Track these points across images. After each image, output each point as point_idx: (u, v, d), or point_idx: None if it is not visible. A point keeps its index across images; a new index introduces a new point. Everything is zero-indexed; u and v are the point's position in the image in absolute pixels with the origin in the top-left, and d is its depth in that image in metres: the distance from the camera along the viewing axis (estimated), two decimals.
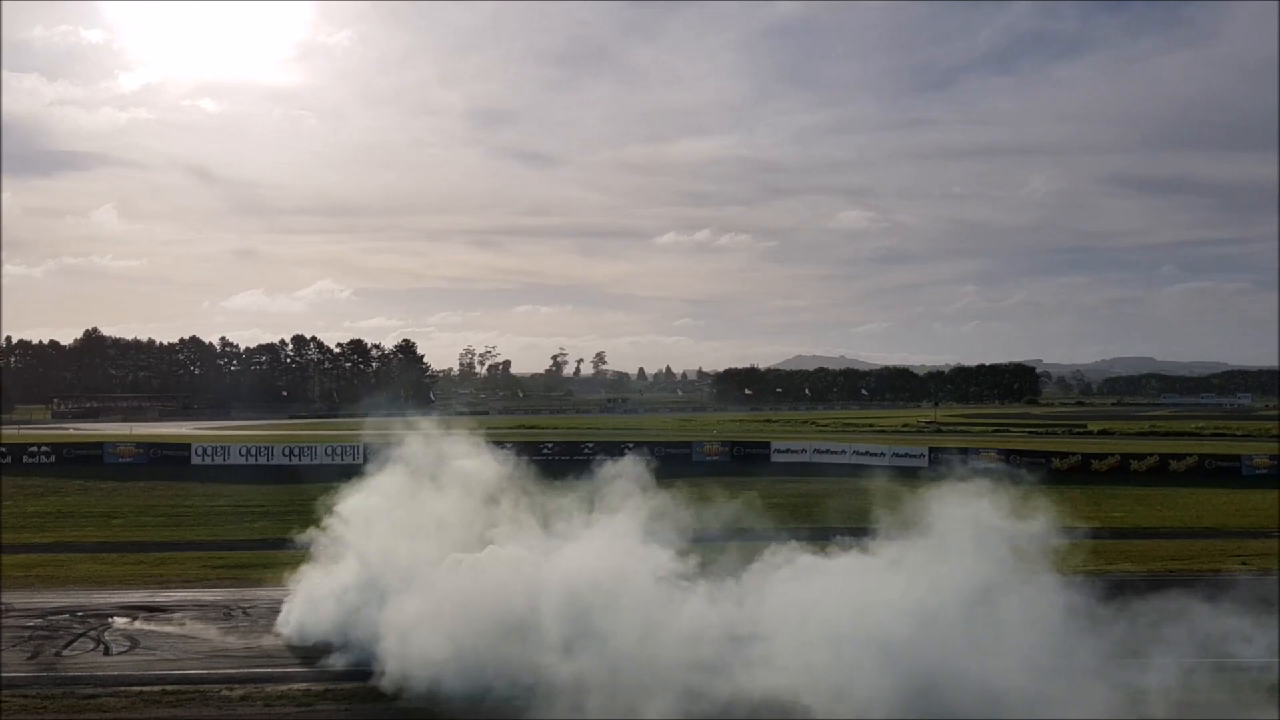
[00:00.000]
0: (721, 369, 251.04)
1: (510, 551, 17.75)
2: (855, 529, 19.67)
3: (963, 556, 15.38)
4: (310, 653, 17.84)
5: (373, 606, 17.47)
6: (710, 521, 20.56)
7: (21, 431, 76.81)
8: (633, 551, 17.37)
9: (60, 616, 20.77)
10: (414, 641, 15.86)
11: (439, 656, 15.55)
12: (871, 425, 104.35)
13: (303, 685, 16.20)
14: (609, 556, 16.96)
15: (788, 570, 17.30)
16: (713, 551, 19.07)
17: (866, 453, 58.48)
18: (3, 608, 21.29)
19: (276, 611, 20.64)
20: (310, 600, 19.20)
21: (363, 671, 16.45)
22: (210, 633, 19.63)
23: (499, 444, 21.56)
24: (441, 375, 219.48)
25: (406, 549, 18.44)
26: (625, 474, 19.57)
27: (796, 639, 15.10)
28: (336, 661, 17.13)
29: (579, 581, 16.27)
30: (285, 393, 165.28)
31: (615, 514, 18.39)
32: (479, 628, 15.90)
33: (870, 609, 15.11)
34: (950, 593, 14.97)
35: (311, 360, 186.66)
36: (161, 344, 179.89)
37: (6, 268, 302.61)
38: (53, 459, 54.73)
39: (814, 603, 15.83)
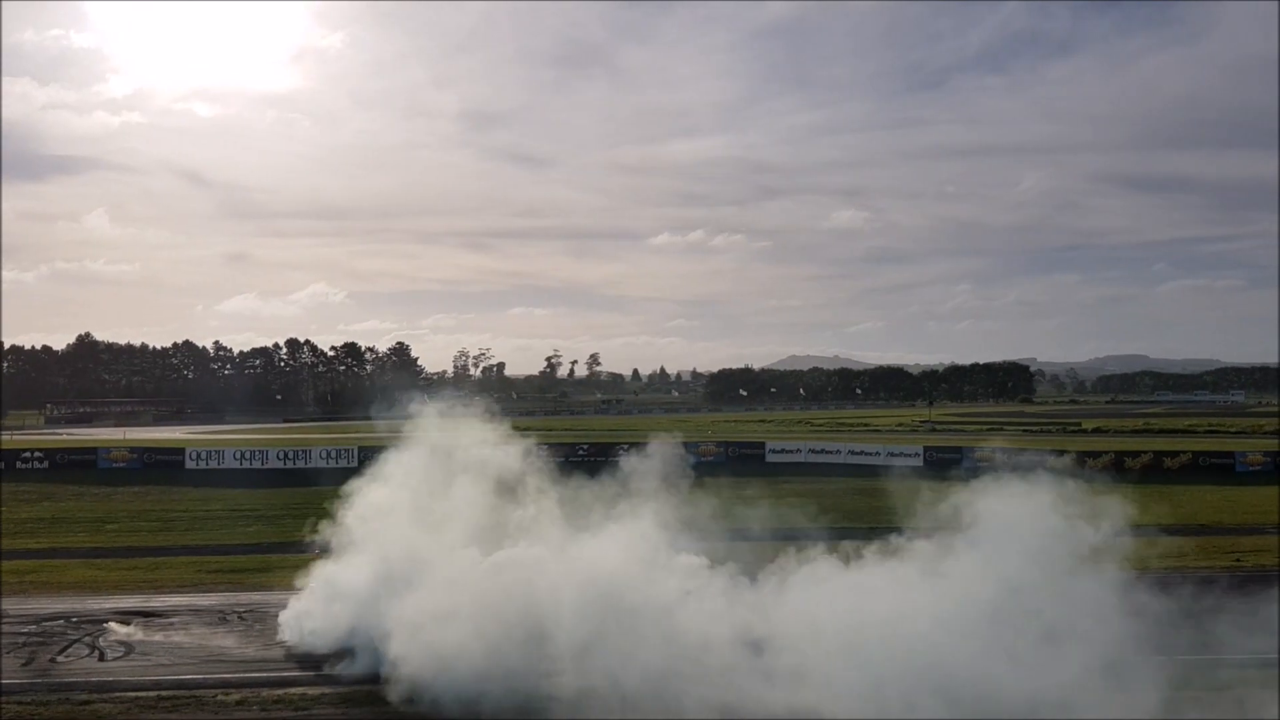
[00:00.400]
0: (716, 369, 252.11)
1: (526, 552, 17.47)
2: (864, 529, 19.49)
3: (999, 557, 14.81)
4: (312, 657, 17.70)
5: (379, 610, 17.03)
6: (718, 523, 20.02)
7: (15, 437, 76.55)
8: (648, 553, 17.06)
9: (55, 622, 20.70)
10: (425, 645, 15.55)
11: (449, 661, 15.22)
12: (866, 425, 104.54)
13: (299, 690, 16.14)
14: (623, 559, 16.65)
15: (811, 575, 16.74)
16: (730, 554, 18.56)
17: (861, 452, 58.56)
18: None
19: (272, 616, 20.58)
20: (314, 604, 18.94)
21: (361, 676, 16.37)
22: (206, 638, 19.55)
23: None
24: (435, 378, 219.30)
25: (416, 551, 18.05)
26: (633, 474, 19.28)
27: (823, 651, 14.44)
28: (338, 666, 16.92)
29: (592, 587, 15.88)
30: (279, 396, 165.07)
31: (624, 515, 18.05)
32: (492, 631, 15.54)
33: (901, 616, 14.47)
34: (987, 597, 14.34)
35: (305, 364, 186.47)
36: (155, 348, 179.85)
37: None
38: (46, 464, 54.51)
39: (837, 610, 15.16)
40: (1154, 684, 13.47)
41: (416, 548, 18.21)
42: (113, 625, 20.39)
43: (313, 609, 18.89)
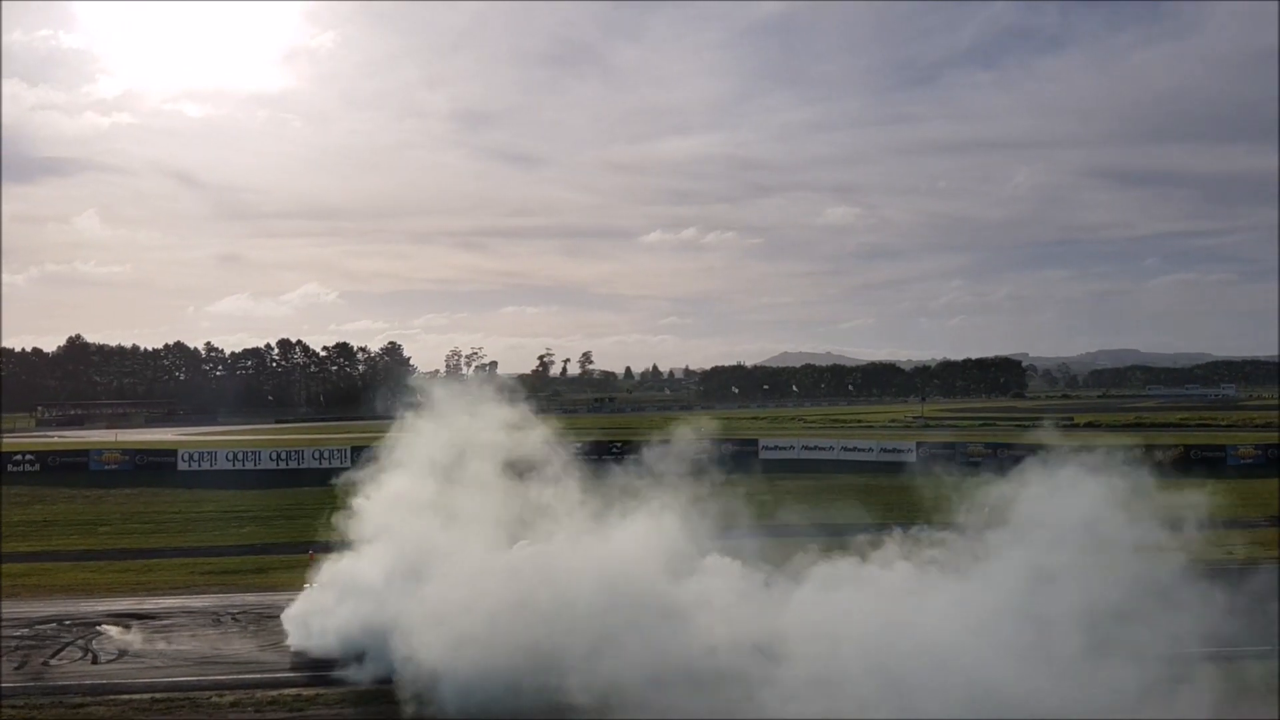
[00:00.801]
0: (708, 367, 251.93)
1: (540, 550, 17.21)
2: (866, 526, 19.21)
3: (1036, 554, 14.09)
4: (320, 658, 17.46)
5: (394, 608, 16.72)
6: (720, 522, 19.30)
7: (6, 440, 76.24)
8: (660, 553, 16.79)
9: (47, 625, 20.62)
10: (436, 646, 15.32)
11: (460, 662, 15.00)
12: (859, 421, 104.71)
13: (294, 690, 16.11)
14: (638, 558, 16.40)
15: (829, 577, 16.18)
16: (737, 553, 18.23)
17: (854, 448, 58.66)
18: None
19: (266, 616, 20.57)
20: (324, 602, 18.56)
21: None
22: (199, 639, 19.50)
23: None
24: (428, 377, 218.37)
25: (431, 546, 17.75)
26: (636, 472, 19.11)
27: (845, 659, 13.71)
28: (350, 668, 16.62)
29: (607, 588, 15.63)
30: (271, 397, 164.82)
31: (635, 513, 17.84)
32: (506, 632, 15.26)
33: (928, 620, 13.72)
34: (1010, 597, 13.54)
35: (297, 364, 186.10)
36: (146, 350, 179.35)
37: None
38: (38, 467, 54.29)
39: (859, 615, 14.51)
40: (1209, 689, 12.81)
41: (432, 542, 17.87)
42: (106, 628, 20.34)
43: (323, 607, 18.46)
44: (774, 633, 15.31)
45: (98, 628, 20.35)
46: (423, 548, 17.92)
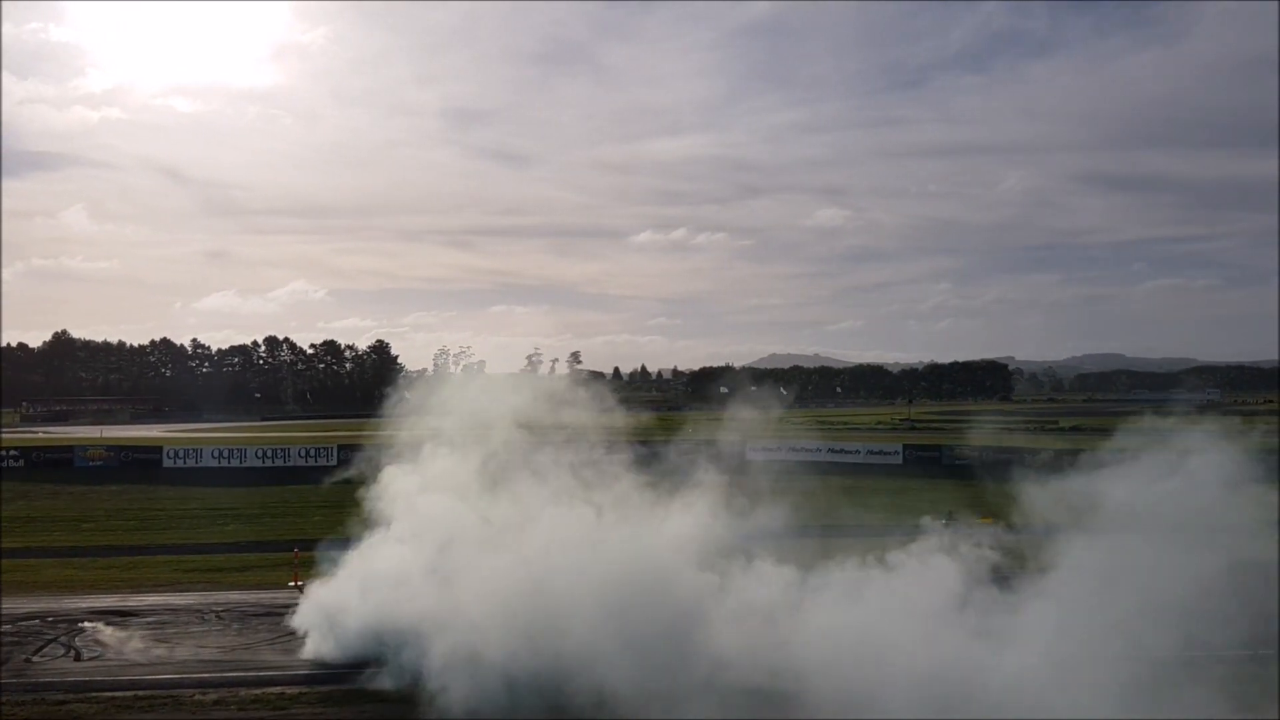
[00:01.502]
0: (696, 368, 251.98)
1: (558, 549, 16.85)
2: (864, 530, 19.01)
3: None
4: (332, 657, 17.37)
5: (410, 606, 16.66)
6: (722, 522, 18.72)
7: None
8: (657, 555, 16.60)
9: (30, 622, 20.54)
10: (450, 645, 15.26)
11: (474, 661, 14.89)
12: (846, 423, 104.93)
13: (277, 689, 16.10)
14: (644, 562, 16.17)
15: (848, 587, 15.80)
16: (744, 554, 18.08)
17: (841, 450, 58.81)
18: None
19: (250, 615, 20.55)
20: (343, 598, 18.29)
21: (337, 674, 16.32)
22: (183, 637, 19.44)
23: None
24: (416, 376, 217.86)
25: (449, 543, 17.69)
26: (632, 472, 19.05)
27: (876, 681, 13.14)
28: (372, 668, 16.41)
29: (619, 588, 15.41)
30: (258, 394, 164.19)
31: (629, 515, 17.72)
32: (508, 631, 15.14)
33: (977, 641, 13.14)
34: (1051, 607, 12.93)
35: (284, 361, 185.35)
36: (132, 346, 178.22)
37: None
38: (21, 463, 54.08)
39: (886, 632, 13.95)
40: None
41: (450, 538, 17.79)
42: (89, 624, 20.27)
43: (343, 604, 18.15)
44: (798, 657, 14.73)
45: (81, 625, 20.29)
46: (440, 540, 17.81)
